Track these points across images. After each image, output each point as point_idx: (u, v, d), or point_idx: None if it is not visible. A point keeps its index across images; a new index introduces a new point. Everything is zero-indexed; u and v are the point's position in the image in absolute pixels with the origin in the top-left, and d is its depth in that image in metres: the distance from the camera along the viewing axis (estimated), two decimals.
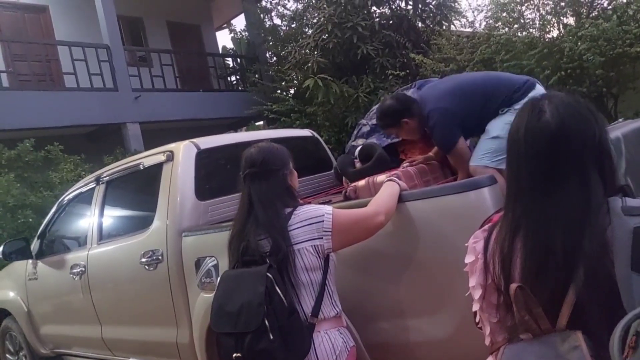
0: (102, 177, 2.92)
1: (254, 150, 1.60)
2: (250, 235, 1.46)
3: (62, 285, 3.07)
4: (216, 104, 9.28)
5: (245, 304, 1.35)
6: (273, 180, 1.53)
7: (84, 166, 6.46)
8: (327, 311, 1.45)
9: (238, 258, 1.48)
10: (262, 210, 1.47)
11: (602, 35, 6.05)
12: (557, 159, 0.90)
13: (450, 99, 2.17)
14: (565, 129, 0.89)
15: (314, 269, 1.45)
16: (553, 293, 0.87)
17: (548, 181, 0.90)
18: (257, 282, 1.35)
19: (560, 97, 0.95)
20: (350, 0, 7.28)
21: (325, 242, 1.44)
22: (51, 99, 7.31)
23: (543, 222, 0.90)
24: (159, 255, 2.31)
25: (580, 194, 0.87)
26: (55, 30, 8.82)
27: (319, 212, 1.48)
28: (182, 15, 10.69)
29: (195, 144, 2.45)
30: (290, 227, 1.44)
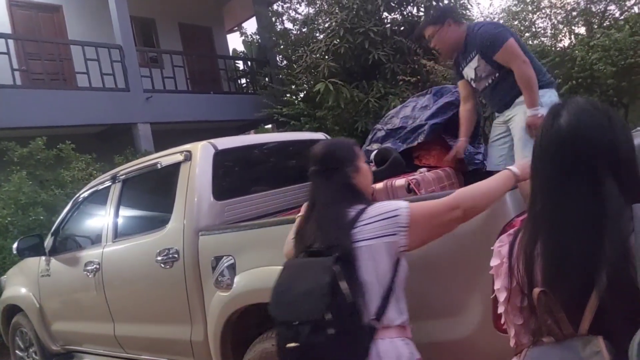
0: (119, 176, 2.95)
1: (318, 146, 1.56)
2: (315, 230, 1.41)
3: (75, 282, 3.09)
4: (226, 106, 9.33)
5: (307, 292, 1.28)
6: (333, 180, 1.45)
7: (94, 165, 6.51)
8: (392, 317, 1.35)
9: (304, 248, 1.42)
10: (323, 210, 1.42)
11: (614, 45, 6.06)
12: (568, 164, 0.91)
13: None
14: (575, 134, 0.90)
15: (383, 270, 1.35)
16: (575, 298, 0.87)
17: (561, 186, 0.91)
18: (323, 272, 1.28)
19: (577, 102, 0.96)
20: (363, 6, 7.32)
21: (400, 238, 1.34)
22: (63, 97, 7.38)
23: (558, 227, 0.91)
24: (175, 253, 2.33)
25: (592, 199, 0.88)
26: (69, 30, 8.91)
27: (392, 206, 1.38)
28: (193, 17, 10.78)
29: (212, 145, 2.47)
30: (359, 224, 1.36)
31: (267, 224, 2.07)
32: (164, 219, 2.47)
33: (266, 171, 2.85)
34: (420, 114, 2.79)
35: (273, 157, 2.93)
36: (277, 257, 1.95)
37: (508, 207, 1.45)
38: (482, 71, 2.50)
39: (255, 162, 2.77)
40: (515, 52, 2.33)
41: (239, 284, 2.03)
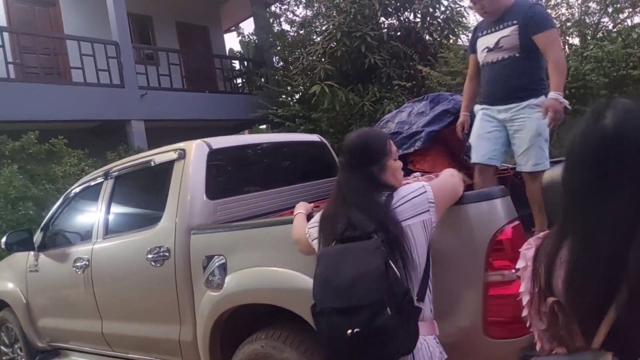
0: (111, 172, 2.93)
1: (353, 136, 1.53)
2: (349, 216, 1.37)
3: (64, 278, 3.06)
4: (221, 105, 9.31)
5: (359, 276, 1.23)
6: (360, 175, 1.44)
7: (87, 161, 6.47)
8: (426, 310, 1.35)
9: (336, 236, 1.37)
10: (354, 198, 1.40)
11: (607, 56, 6.13)
12: (611, 166, 0.86)
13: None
14: (622, 135, 0.85)
15: (422, 251, 1.36)
16: (592, 309, 0.83)
17: (598, 188, 0.87)
18: (373, 254, 1.25)
19: (624, 103, 0.91)
20: (360, 10, 7.35)
21: (432, 214, 1.37)
22: (57, 92, 7.33)
23: (588, 232, 0.86)
24: (166, 252, 2.32)
25: (631, 204, 0.83)
26: (65, 25, 8.86)
27: (418, 185, 1.42)
28: (191, 16, 10.76)
29: (207, 144, 2.47)
30: (394, 206, 1.36)
31: (260, 224, 2.07)
32: (156, 217, 2.45)
33: (260, 171, 2.85)
34: (417, 120, 2.80)
35: (267, 158, 2.94)
36: (269, 257, 1.96)
37: (499, 214, 1.46)
38: (507, 42, 2.42)
39: (249, 162, 2.77)
40: (558, 40, 2.40)
41: (229, 284, 2.03)
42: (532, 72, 2.41)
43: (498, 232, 1.42)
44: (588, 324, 0.84)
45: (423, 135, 2.63)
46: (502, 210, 1.46)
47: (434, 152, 2.69)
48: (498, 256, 1.39)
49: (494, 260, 1.40)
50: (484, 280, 1.42)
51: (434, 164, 2.59)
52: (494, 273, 1.38)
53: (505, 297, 1.35)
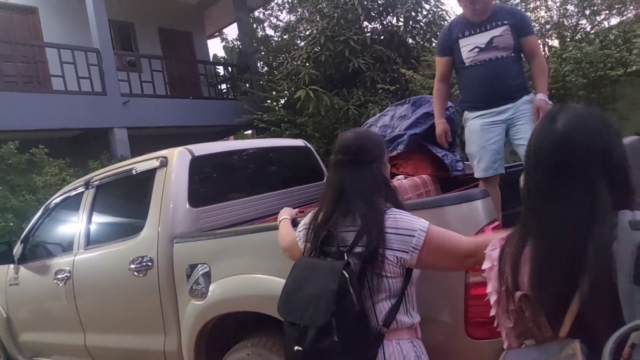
0: (92, 182, 2.88)
1: (351, 135, 1.48)
2: (337, 225, 1.35)
3: (45, 291, 3.00)
4: (206, 111, 9.26)
5: (314, 297, 1.25)
6: (366, 172, 1.40)
7: (68, 170, 6.36)
8: (401, 320, 1.34)
9: (317, 246, 1.37)
10: (357, 201, 1.35)
11: (585, 58, 6.25)
12: (561, 168, 0.92)
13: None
14: (571, 139, 0.91)
15: (395, 277, 1.33)
16: (557, 301, 0.88)
17: (553, 189, 0.92)
18: (331, 277, 1.25)
19: (574, 108, 0.97)
20: (343, 15, 7.39)
21: (409, 257, 1.31)
22: (37, 101, 7.20)
23: (548, 231, 0.91)
24: (149, 261, 2.28)
25: (584, 203, 0.89)
26: (44, 32, 8.73)
27: (413, 225, 1.32)
28: (173, 22, 10.70)
29: (189, 151, 2.45)
30: (386, 230, 1.31)
31: (243, 231, 2.05)
32: (138, 226, 2.42)
33: (244, 178, 2.83)
34: (399, 124, 2.82)
35: (251, 164, 2.92)
36: (253, 265, 1.94)
37: (480, 216, 1.47)
38: (501, 42, 2.45)
39: (232, 169, 2.75)
40: (539, 45, 2.49)
41: (213, 292, 2.01)
42: (522, 71, 2.52)
43: (478, 232, 1.43)
44: (554, 315, 0.89)
45: (405, 139, 2.65)
46: (482, 211, 1.47)
47: (416, 155, 2.71)
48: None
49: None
50: (465, 281, 1.42)
51: (416, 167, 2.61)
52: (475, 274, 1.39)
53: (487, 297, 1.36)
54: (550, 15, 7.72)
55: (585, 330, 0.86)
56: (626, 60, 6.41)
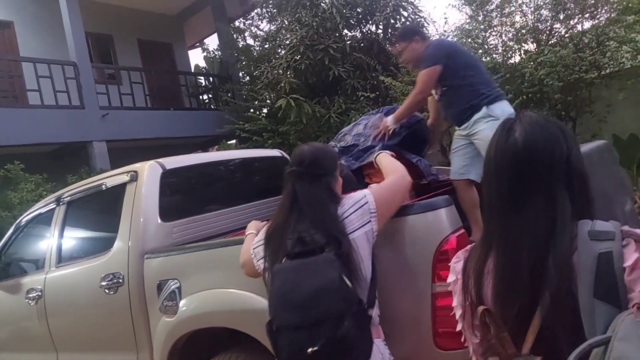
0: (63, 198, 2.83)
1: (306, 148, 1.55)
2: (298, 230, 1.38)
3: (17, 310, 2.93)
4: (188, 122, 9.19)
5: (319, 290, 1.24)
6: (319, 185, 1.46)
7: (45, 186, 6.25)
8: (374, 316, 1.39)
9: (286, 252, 1.37)
10: (309, 208, 1.41)
11: (560, 61, 6.36)
12: (523, 178, 0.89)
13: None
14: (531, 148, 0.89)
15: (367, 260, 1.40)
16: (519, 316, 0.86)
17: (515, 200, 0.89)
18: (329, 268, 1.27)
19: (530, 117, 0.95)
20: (322, 23, 7.42)
21: (374, 224, 1.41)
22: (13, 116, 7.08)
23: (510, 243, 0.89)
24: (120, 278, 2.24)
25: (545, 214, 0.86)
26: (20, 47, 8.60)
27: (360, 194, 1.46)
28: (153, 34, 10.64)
29: (160, 164, 2.42)
30: (343, 217, 1.39)
31: (212, 245, 2.02)
32: (109, 243, 2.38)
33: (218, 190, 2.80)
34: (372, 133, 2.82)
35: (225, 176, 2.89)
36: (224, 279, 1.91)
37: (444, 224, 1.46)
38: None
39: (205, 181, 2.72)
40: (419, 80, 2.60)
41: (184, 308, 1.97)
42: (464, 97, 2.57)
43: (443, 241, 1.43)
44: (517, 331, 0.86)
45: (376, 150, 2.64)
46: (447, 219, 1.47)
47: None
48: (444, 266, 1.38)
49: (440, 271, 1.40)
50: (432, 291, 1.41)
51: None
52: (441, 284, 1.38)
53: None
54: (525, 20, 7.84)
55: (547, 346, 0.84)
56: (600, 63, 6.54)
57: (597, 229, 0.82)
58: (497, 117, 2.46)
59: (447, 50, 2.58)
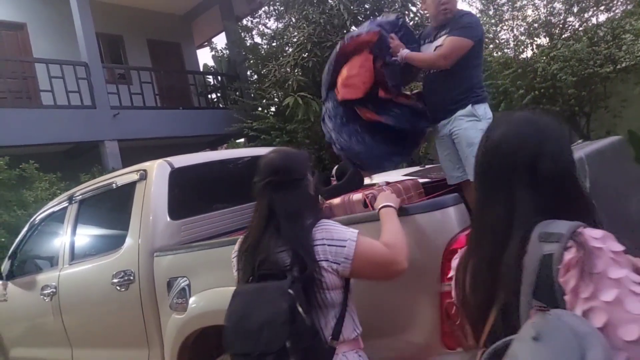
0: (75, 196, 2.87)
1: (276, 155, 1.47)
2: (269, 247, 1.34)
3: (33, 306, 2.99)
4: (196, 121, 9.25)
5: (266, 322, 1.22)
6: (298, 191, 1.40)
7: (59, 184, 6.34)
8: (347, 333, 1.35)
9: (253, 272, 1.35)
10: (286, 223, 1.35)
11: (574, 55, 6.25)
12: (491, 174, 0.92)
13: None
14: (498, 148, 0.91)
15: (335, 288, 1.33)
16: (480, 311, 0.89)
17: (486, 197, 0.93)
18: (279, 298, 1.23)
19: (511, 116, 0.96)
20: (330, 20, 7.40)
21: (342, 268, 1.32)
22: (27, 116, 7.20)
23: (477, 240, 0.92)
24: (131, 275, 2.27)
25: (506, 213, 0.88)
26: (33, 48, 8.73)
27: (342, 235, 1.35)
28: (162, 34, 10.72)
29: (169, 163, 2.44)
30: (315, 242, 1.33)
31: (220, 243, 2.03)
32: (120, 241, 2.41)
33: (225, 188, 2.81)
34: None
35: (232, 174, 2.90)
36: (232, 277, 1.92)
37: (453, 222, 1.45)
38: None
39: (213, 180, 2.74)
40: (450, 44, 2.35)
41: (193, 306, 1.99)
42: (459, 84, 2.40)
43: (452, 240, 1.42)
44: (476, 325, 0.91)
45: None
46: (456, 218, 1.45)
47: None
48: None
49: (449, 269, 1.39)
50: (440, 289, 1.40)
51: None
52: (449, 282, 1.37)
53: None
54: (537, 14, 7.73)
55: (496, 342, 0.84)
56: (615, 57, 6.41)
57: (547, 231, 0.82)
58: (479, 118, 2.37)
59: (481, 32, 2.44)
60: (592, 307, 0.75)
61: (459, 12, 2.46)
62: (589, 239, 0.78)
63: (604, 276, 0.75)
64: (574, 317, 0.74)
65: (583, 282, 0.76)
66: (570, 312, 0.76)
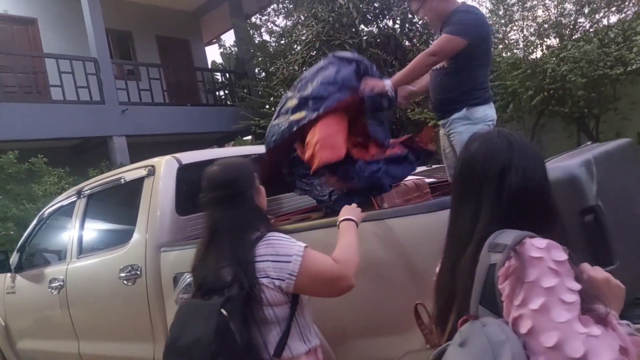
0: (84, 191, 2.90)
1: (216, 169, 1.41)
2: (213, 264, 1.31)
3: (40, 299, 3.02)
4: (204, 118, 9.29)
5: (195, 341, 1.21)
6: (241, 205, 1.35)
7: (68, 179, 6.40)
8: (296, 348, 1.31)
9: (200, 287, 1.34)
10: (227, 242, 1.31)
11: (584, 57, 6.18)
12: (464, 184, 0.98)
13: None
14: (470, 161, 0.98)
15: (279, 304, 1.30)
16: (443, 312, 0.96)
17: (456, 206, 1.00)
18: (209, 318, 1.21)
19: (488, 132, 1.02)
20: (339, 19, 7.40)
21: (285, 284, 1.28)
22: (36, 111, 7.27)
23: (446, 244, 0.99)
24: (138, 270, 2.29)
25: (470, 222, 0.93)
26: (44, 43, 8.81)
27: (288, 250, 1.31)
28: (171, 30, 10.77)
29: (177, 159, 2.45)
30: (257, 258, 1.28)
31: None
32: (127, 235, 2.43)
33: None
34: (364, 87, 2.23)
35: None
36: None
37: None
38: None
39: None
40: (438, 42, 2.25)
41: None
42: (457, 85, 2.33)
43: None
44: (442, 325, 0.97)
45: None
46: None
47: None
48: None
49: None
50: None
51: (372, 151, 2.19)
52: None
53: None
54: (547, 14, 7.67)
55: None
56: (626, 59, 6.34)
57: (496, 241, 0.87)
58: (475, 122, 2.31)
59: (481, 31, 2.28)
60: (521, 314, 0.79)
61: (457, 8, 2.32)
62: (529, 248, 0.82)
63: (536, 285, 0.79)
64: (496, 325, 0.79)
65: (516, 290, 0.80)
66: (494, 321, 0.81)
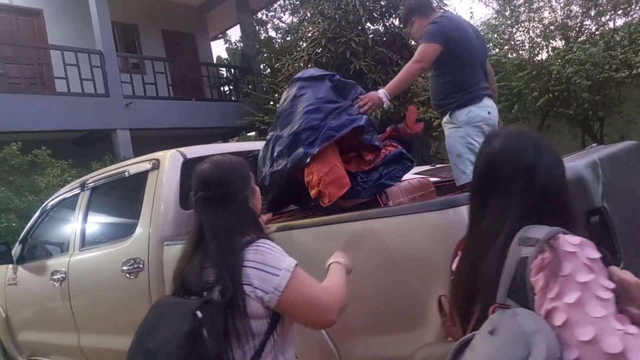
0: (87, 184, 2.90)
1: (208, 167, 1.33)
2: (199, 263, 1.24)
3: (42, 291, 3.02)
4: (208, 113, 9.29)
5: (163, 343, 1.11)
6: (232, 206, 1.27)
7: (71, 171, 6.40)
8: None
9: (182, 286, 1.26)
10: (214, 244, 1.23)
11: (589, 59, 6.17)
12: (488, 182, 0.99)
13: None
14: (497, 158, 0.99)
15: (259, 317, 1.20)
16: (465, 305, 0.98)
17: (481, 204, 1.00)
18: (183, 319, 1.11)
19: (508, 131, 1.05)
20: (345, 16, 7.38)
21: (268, 298, 1.18)
22: (41, 102, 7.27)
23: (469, 240, 1.01)
24: (140, 263, 2.29)
25: (498, 218, 0.94)
26: (49, 35, 8.81)
27: (278, 262, 1.22)
28: (177, 24, 10.76)
29: (181, 153, 2.45)
30: (245, 263, 1.20)
31: None
32: (130, 229, 2.43)
33: None
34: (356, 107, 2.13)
35: None
36: None
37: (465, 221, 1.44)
38: None
39: None
40: (418, 50, 2.38)
41: None
42: (441, 89, 2.46)
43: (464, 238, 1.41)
44: (464, 317, 0.98)
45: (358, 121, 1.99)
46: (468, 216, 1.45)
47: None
48: None
49: None
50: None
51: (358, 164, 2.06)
52: None
53: None
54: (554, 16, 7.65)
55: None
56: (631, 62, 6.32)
57: (527, 235, 0.88)
58: (459, 125, 2.39)
59: (451, 34, 2.34)
60: (555, 307, 0.80)
61: (428, 23, 2.43)
62: (564, 243, 0.84)
63: (571, 279, 0.81)
64: (528, 315, 0.81)
65: (551, 283, 0.82)
66: (526, 311, 0.82)
